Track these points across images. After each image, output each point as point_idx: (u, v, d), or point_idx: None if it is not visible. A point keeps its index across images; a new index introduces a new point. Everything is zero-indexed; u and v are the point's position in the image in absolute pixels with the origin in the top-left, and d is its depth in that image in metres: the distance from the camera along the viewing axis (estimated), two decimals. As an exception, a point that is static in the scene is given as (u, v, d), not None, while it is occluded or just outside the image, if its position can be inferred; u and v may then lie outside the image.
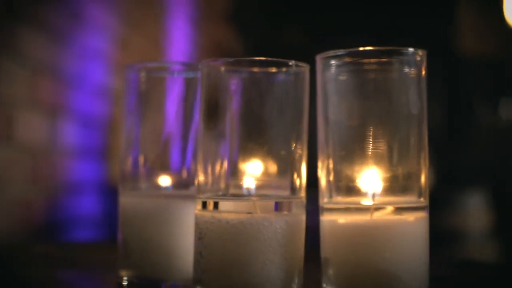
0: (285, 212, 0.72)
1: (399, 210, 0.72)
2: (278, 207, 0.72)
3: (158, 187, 0.85)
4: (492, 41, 3.70)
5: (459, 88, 4.03)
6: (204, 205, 0.73)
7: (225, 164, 0.73)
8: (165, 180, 0.85)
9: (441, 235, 2.68)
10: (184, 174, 0.85)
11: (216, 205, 0.72)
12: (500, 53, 3.69)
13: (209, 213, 0.72)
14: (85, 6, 2.02)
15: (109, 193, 2.07)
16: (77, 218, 1.96)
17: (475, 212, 3.00)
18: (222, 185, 0.74)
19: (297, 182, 0.74)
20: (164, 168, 0.86)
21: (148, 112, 0.86)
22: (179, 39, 3.00)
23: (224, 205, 0.72)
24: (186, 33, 3.12)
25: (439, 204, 2.70)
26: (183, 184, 0.85)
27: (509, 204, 3.05)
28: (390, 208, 0.72)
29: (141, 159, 0.85)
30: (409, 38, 4.14)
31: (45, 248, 1.28)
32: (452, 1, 3.88)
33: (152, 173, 0.85)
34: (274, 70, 0.74)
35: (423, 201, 0.73)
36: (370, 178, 0.73)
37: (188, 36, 3.16)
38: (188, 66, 0.87)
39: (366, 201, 0.73)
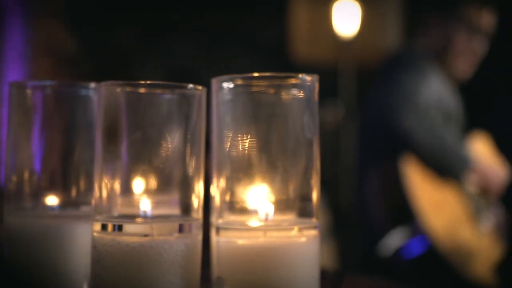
0: (185, 234, 0.73)
1: (293, 230, 0.74)
2: (178, 229, 0.73)
3: (45, 207, 0.83)
4: (322, 47, 3.84)
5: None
6: (103, 227, 0.72)
7: (122, 185, 0.73)
8: (52, 199, 0.83)
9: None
10: (74, 193, 0.83)
11: (115, 227, 0.72)
12: (329, 59, 3.83)
13: (108, 236, 0.71)
14: None
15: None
16: None
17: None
18: (119, 206, 0.74)
19: (195, 202, 0.75)
20: (51, 187, 0.83)
21: (33, 129, 0.83)
22: (14, 37, 2.90)
23: (123, 227, 0.72)
24: (20, 31, 3.01)
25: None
26: (71, 203, 0.83)
27: (342, 204, 3.19)
28: (294, 229, 0.74)
29: (26, 178, 0.82)
30: (241, 40, 4.22)
31: None
32: (285, 7, 3.99)
33: (38, 192, 0.83)
34: (170, 92, 0.74)
35: (315, 221, 0.76)
36: (264, 199, 0.75)
37: (22, 33, 3.05)
38: (75, 84, 0.85)
39: (260, 222, 0.75)
